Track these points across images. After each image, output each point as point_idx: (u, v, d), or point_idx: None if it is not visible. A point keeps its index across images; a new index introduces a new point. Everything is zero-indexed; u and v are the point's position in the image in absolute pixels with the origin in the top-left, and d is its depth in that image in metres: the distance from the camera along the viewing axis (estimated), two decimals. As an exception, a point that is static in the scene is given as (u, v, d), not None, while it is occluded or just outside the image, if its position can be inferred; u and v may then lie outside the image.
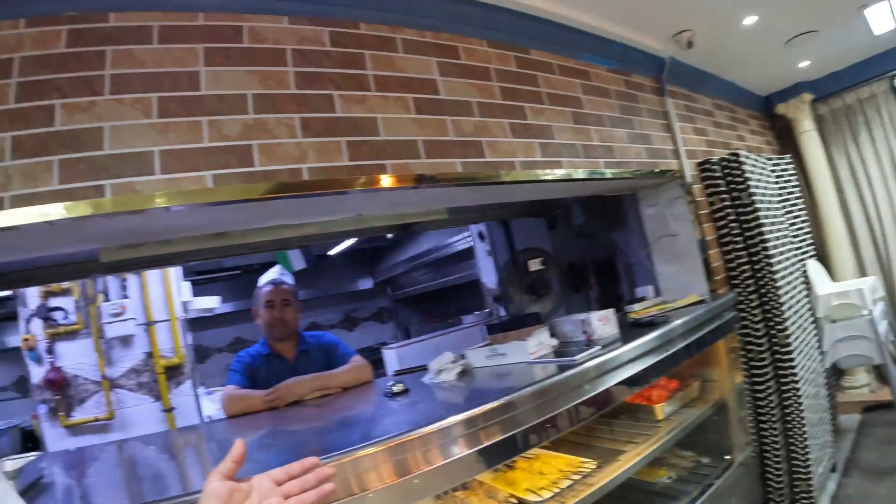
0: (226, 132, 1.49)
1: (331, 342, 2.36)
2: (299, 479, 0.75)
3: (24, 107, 1.40)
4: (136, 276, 3.35)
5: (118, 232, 1.56)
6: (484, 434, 1.35)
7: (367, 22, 1.77)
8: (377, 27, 1.79)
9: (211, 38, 1.55)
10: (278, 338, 2.30)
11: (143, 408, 3.36)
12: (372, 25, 1.78)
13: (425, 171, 1.76)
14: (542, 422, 1.47)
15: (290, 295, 2.33)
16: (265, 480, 0.74)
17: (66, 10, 1.48)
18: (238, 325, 6.30)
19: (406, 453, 1.23)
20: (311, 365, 2.22)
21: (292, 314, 2.31)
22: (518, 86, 2.09)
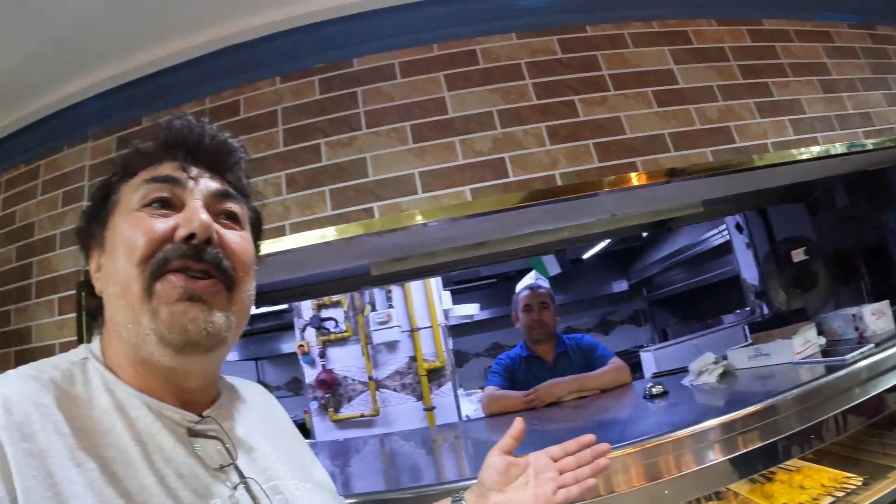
0: (478, 148, 1.47)
1: (590, 344, 2.30)
2: (575, 456, 0.74)
3: (292, 149, 1.53)
4: (399, 287, 3.64)
5: (387, 247, 1.63)
6: (741, 440, 1.25)
7: (593, 23, 1.69)
8: (603, 27, 1.70)
9: (448, 64, 1.58)
10: (537, 340, 2.30)
11: (406, 406, 3.57)
12: (597, 26, 1.69)
13: (676, 165, 1.56)
14: (805, 429, 1.33)
15: (547, 298, 2.34)
16: (542, 457, 0.74)
17: (314, 63, 1.63)
18: (495, 330, 6.56)
19: (658, 456, 1.18)
20: (570, 366, 2.17)
21: (550, 316, 2.31)
22: (756, 61, 1.83)
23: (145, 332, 0.53)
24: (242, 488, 0.55)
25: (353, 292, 3.56)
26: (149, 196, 0.58)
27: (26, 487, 0.42)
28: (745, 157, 1.68)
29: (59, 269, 1.83)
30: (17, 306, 1.92)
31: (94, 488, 0.46)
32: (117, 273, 0.56)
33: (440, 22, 1.61)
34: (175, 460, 0.53)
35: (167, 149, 0.62)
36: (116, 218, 0.59)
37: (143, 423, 0.54)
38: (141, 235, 0.55)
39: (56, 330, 1.83)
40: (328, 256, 1.58)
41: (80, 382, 0.54)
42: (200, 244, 0.55)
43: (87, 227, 0.64)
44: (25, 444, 0.45)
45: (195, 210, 0.57)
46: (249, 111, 1.61)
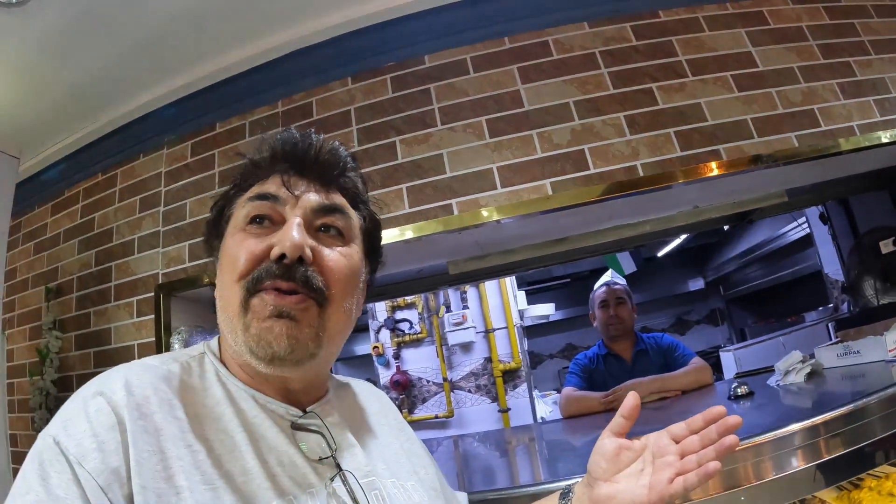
0: (556, 141, 1.44)
1: (670, 343, 2.23)
2: (699, 434, 0.61)
3: (367, 148, 1.52)
4: (474, 288, 3.63)
5: (465, 245, 1.61)
6: (828, 445, 1.17)
7: (665, 8, 1.64)
8: (676, 11, 1.64)
9: (521, 57, 1.56)
10: (614, 337, 2.26)
11: (481, 408, 3.53)
12: (670, 10, 1.64)
13: (760, 151, 1.50)
14: (895, 434, 1.22)
15: (624, 294, 2.31)
16: (663, 437, 0.63)
17: (385, 62, 1.63)
18: (569, 331, 6.50)
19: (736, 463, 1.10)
20: (649, 366, 2.11)
21: (626, 312, 2.27)
22: (836, 39, 1.75)
23: (240, 343, 0.57)
24: (339, 480, 0.57)
25: (428, 294, 3.57)
26: (251, 214, 0.60)
27: (139, 460, 0.46)
28: (831, 142, 1.60)
29: (138, 272, 1.89)
30: (96, 309, 1.99)
31: (200, 468, 0.49)
32: (222, 287, 0.59)
33: (510, 14, 1.59)
34: (277, 449, 0.55)
35: (274, 163, 0.63)
36: (227, 234, 0.62)
37: (250, 413, 0.57)
38: (242, 254, 0.58)
39: (134, 331, 1.89)
40: (406, 255, 1.57)
41: (196, 374, 0.58)
42: (291, 263, 0.57)
43: (206, 239, 0.67)
44: (142, 422, 0.49)
45: (289, 230, 0.58)
46: (322, 112, 1.63)
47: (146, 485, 0.46)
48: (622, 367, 2.17)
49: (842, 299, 2.84)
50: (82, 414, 0.48)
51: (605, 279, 2.45)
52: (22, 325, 2.24)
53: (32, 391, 2.04)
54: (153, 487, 0.46)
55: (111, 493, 0.45)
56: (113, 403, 0.49)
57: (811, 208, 2.80)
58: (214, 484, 0.49)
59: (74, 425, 0.47)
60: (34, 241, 2.25)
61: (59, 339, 2.04)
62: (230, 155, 1.76)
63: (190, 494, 0.47)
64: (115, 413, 0.48)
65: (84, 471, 0.45)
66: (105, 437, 0.47)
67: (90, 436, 0.47)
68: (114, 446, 0.47)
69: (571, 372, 2.21)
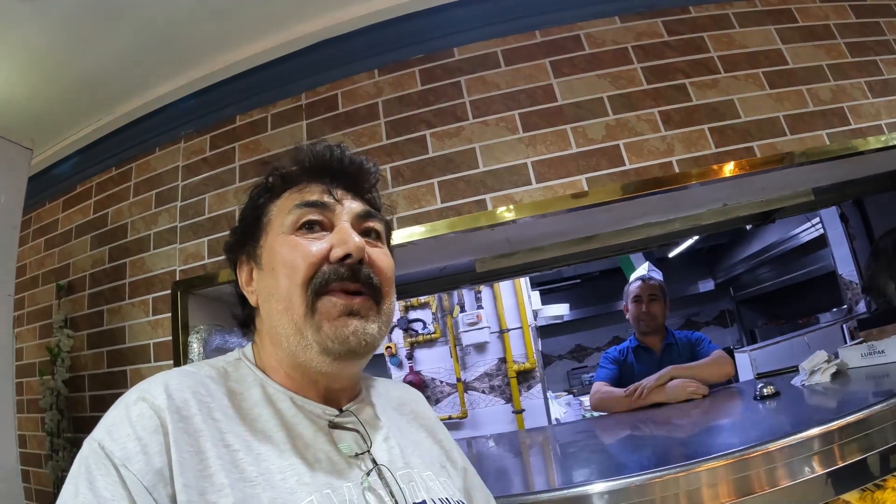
0: (591, 136, 1.42)
1: (698, 337, 2.26)
2: None
3: (395, 141, 1.50)
4: (488, 288, 3.61)
5: (496, 242, 1.58)
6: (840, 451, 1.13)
7: (696, 3, 1.62)
8: (706, 7, 1.63)
9: (553, 51, 1.54)
10: (644, 332, 2.27)
11: (495, 409, 3.51)
12: (701, 6, 1.63)
13: (792, 149, 1.49)
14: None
15: (658, 290, 2.30)
16: None
17: (413, 54, 1.61)
18: (579, 332, 6.51)
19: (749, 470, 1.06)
20: (677, 358, 2.11)
21: (659, 308, 2.27)
22: (863, 38, 1.75)
23: (308, 344, 0.58)
24: (375, 474, 0.58)
25: (442, 293, 3.55)
26: (302, 219, 0.62)
27: (181, 459, 0.48)
28: (861, 140, 1.60)
29: (154, 269, 1.85)
30: (109, 306, 1.95)
31: (239, 466, 0.51)
32: (279, 291, 0.60)
33: (539, 8, 1.57)
34: (314, 446, 0.57)
35: (311, 172, 0.66)
36: (270, 238, 0.64)
37: (287, 413, 0.59)
38: (301, 258, 0.59)
39: (150, 329, 1.85)
40: (436, 252, 1.55)
41: (233, 379, 0.61)
42: (355, 264, 0.60)
43: (237, 243, 0.69)
44: (183, 424, 0.51)
45: (348, 232, 0.61)
46: (348, 105, 1.60)
47: (189, 483, 0.47)
48: (651, 358, 2.18)
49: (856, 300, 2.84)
50: (125, 419, 0.50)
51: (641, 272, 2.45)
52: (32, 323, 2.19)
53: (43, 391, 1.99)
54: (196, 486, 0.48)
55: (156, 493, 0.46)
56: (155, 407, 0.51)
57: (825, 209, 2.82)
58: (254, 481, 0.51)
59: (118, 430, 0.49)
60: (45, 236, 2.20)
61: (71, 338, 2.00)
62: (251, 148, 1.73)
63: (231, 491, 0.49)
64: (157, 416, 0.50)
65: (130, 473, 0.47)
66: (148, 439, 0.48)
67: (134, 439, 0.48)
68: (157, 448, 0.48)
69: (601, 366, 2.22)
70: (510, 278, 3.21)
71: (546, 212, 1.35)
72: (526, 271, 2.03)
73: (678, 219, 1.67)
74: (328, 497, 0.53)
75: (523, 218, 1.36)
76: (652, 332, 2.25)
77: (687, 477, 1.06)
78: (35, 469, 2.10)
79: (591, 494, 1.08)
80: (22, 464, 2.10)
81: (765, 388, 1.65)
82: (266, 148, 1.69)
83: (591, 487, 1.10)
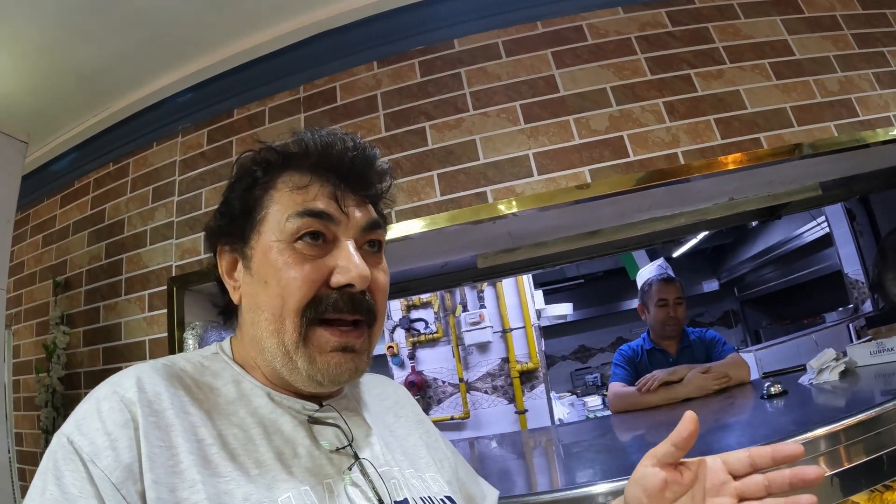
0: (594, 127, 1.39)
1: (713, 337, 2.19)
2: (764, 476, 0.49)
3: (395, 133, 1.48)
4: (491, 287, 3.58)
5: (498, 236, 1.55)
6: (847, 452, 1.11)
7: (700, -6, 1.60)
8: (711, -4, 1.60)
9: (555, 41, 1.51)
10: (669, 336, 2.18)
11: (497, 409, 3.47)
12: (706, -4, 1.60)
13: (800, 140, 1.46)
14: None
15: (681, 292, 2.22)
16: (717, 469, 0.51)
17: (412, 46, 1.59)
18: (583, 333, 6.48)
19: None
20: (693, 361, 2.05)
21: (684, 312, 2.19)
22: (870, 29, 1.72)
23: (295, 369, 0.56)
24: (357, 469, 0.56)
25: (445, 293, 3.52)
26: (302, 230, 0.56)
27: (151, 454, 0.47)
28: (870, 132, 1.56)
29: (150, 264, 1.83)
30: (105, 303, 1.93)
31: (212, 461, 0.49)
32: (271, 309, 0.56)
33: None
34: (293, 441, 0.55)
35: (318, 170, 0.59)
36: (264, 240, 0.58)
37: (265, 409, 0.56)
38: (297, 281, 0.55)
39: (146, 326, 1.83)
40: (436, 246, 1.52)
41: (209, 373, 0.58)
42: (355, 293, 0.56)
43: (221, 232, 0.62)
44: (154, 418, 0.49)
45: (352, 258, 0.56)
46: (347, 97, 1.57)
47: (158, 479, 0.46)
48: (666, 361, 2.13)
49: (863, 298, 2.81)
50: (95, 413, 0.48)
51: (655, 270, 2.34)
52: (29, 321, 2.17)
53: (38, 388, 1.97)
54: (166, 482, 0.46)
55: (124, 490, 0.45)
56: (125, 401, 0.49)
57: (831, 207, 2.78)
58: (227, 477, 0.49)
59: (87, 424, 0.48)
60: (42, 233, 2.18)
61: (67, 335, 1.97)
62: (248, 142, 1.70)
63: (203, 487, 0.47)
64: (128, 410, 0.48)
65: (97, 468, 0.45)
66: (117, 434, 0.47)
67: (103, 434, 0.47)
68: (126, 443, 0.47)
69: (617, 364, 2.16)
70: (513, 275, 3.14)
71: (548, 204, 1.32)
72: (529, 268, 1.99)
73: (684, 213, 1.64)
74: (307, 493, 0.51)
75: (525, 211, 1.33)
76: (674, 337, 2.18)
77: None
78: (31, 467, 2.07)
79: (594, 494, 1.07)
80: (18, 462, 2.09)
81: (772, 386, 1.62)
82: (264, 141, 1.66)
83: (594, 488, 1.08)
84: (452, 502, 0.62)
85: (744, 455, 0.50)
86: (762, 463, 0.50)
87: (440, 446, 0.73)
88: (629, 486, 0.56)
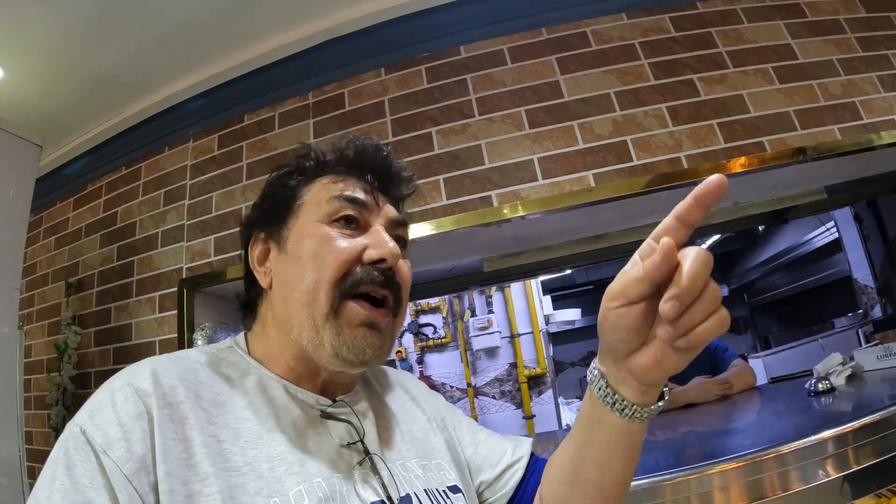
0: (598, 132, 1.41)
1: (716, 344, 2.17)
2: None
3: (402, 138, 1.51)
4: (499, 292, 3.61)
5: (504, 240, 1.57)
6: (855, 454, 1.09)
7: (703, 0, 1.61)
8: (714, 3, 1.62)
9: (559, 48, 1.54)
10: None
11: (505, 414, 3.50)
12: (708, 2, 1.62)
13: (804, 143, 1.48)
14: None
15: None
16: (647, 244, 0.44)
17: (419, 52, 1.61)
18: (592, 339, 6.27)
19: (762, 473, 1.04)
20: (697, 367, 2.04)
21: None
22: (873, 32, 1.73)
23: (321, 344, 0.56)
24: (367, 463, 0.57)
25: (453, 298, 3.54)
26: (339, 213, 0.60)
27: (164, 447, 0.47)
28: (874, 135, 1.57)
29: (161, 266, 1.86)
30: (117, 304, 1.96)
31: (224, 455, 0.50)
32: (304, 283, 0.58)
33: (547, 5, 1.57)
34: (305, 436, 0.56)
35: (355, 166, 0.64)
36: (301, 222, 0.61)
37: (279, 402, 0.57)
38: (334, 254, 0.57)
39: (156, 327, 1.86)
40: (443, 249, 1.54)
41: (224, 365, 0.59)
42: (387, 269, 0.58)
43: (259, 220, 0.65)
44: (168, 410, 0.49)
45: (384, 236, 0.59)
46: (354, 103, 1.60)
47: (172, 471, 0.46)
48: None
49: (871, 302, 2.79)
50: (109, 404, 0.48)
51: None
52: (41, 321, 2.21)
53: (50, 387, 2.01)
54: (179, 474, 0.47)
55: (136, 482, 0.45)
56: (140, 393, 0.49)
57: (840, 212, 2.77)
58: (240, 470, 0.49)
59: (101, 415, 0.48)
60: (55, 235, 2.23)
61: (79, 335, 2.01)
62: (259, 147, 1.73)
63: (215, 480, 0.47)
64: (142, 402, 0.49)
65: (109, 460, 0.45)
66: (131, 426, 0.47)
67: (116, 425, 0.47)
68: (140, 435, 0.47)
69: None
70: (519, 279, 3.17)
71: (553, 208, 1.34)
72: (535, 272, 2.00)
73: (688, 217, 1.64)
74: (318, 486, 0.52)
75: (530, 214, 1.35)
76: None
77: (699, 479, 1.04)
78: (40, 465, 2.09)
79: None
80: (28, 460, 2.11)
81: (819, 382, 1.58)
82: (273, 146, 1.70)
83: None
84: (457, 491, 0.63)
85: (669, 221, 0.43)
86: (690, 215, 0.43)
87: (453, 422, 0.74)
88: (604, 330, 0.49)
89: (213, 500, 0.47)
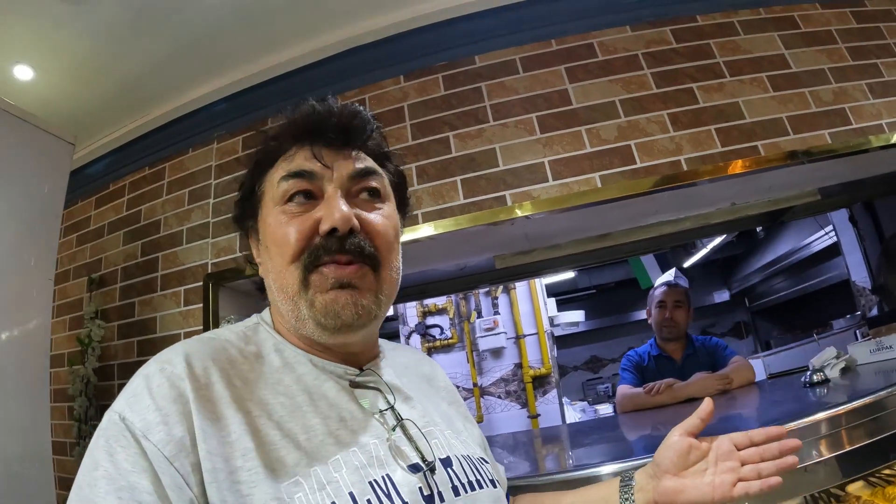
0: (604, 136, 1.52)
1: (717, 343, 2.27)
2: (759, 448, 0.65)
3: (421, 142, 1.60)
4: (505, 294, 3.68)
5: (515, 238, 1.67)
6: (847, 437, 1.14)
7: (703, 13, 1.73)
8: (712, 16, 1.73)
9: (568, 58, 1.64)
10: (667, 338, 2.27)
11: (510, 413, 3.57)
12: (707, 15, 1.73)
13: (797, 147, 1.58)
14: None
15: (683, 296, 2.30)
16: (725, 442, 0.66)
17: (437, 61, 1.71)
18: (595, 343, 6.54)
19: None
20: (698, 366, 2.13)
21: (682, 316, 2.26)
22: (864, 42, 1.83)
23: (303, 318, 0.58)
24: (399, 430, 0.59)
25: (460, 299, 3.61)
26: (289, 192, 0.60)
27: (203, 427, 0.48)
28: (862, 139, 1.68)
29: (186, 262, 1.95)
30: (140, 298, 2.04)
31: (262, 430, 0.51)
32: (275, 268, 0.60)
33: (556, 18, 1.68)
34: (338, 406, 0.57)
35: (296, 137, 0.63)
36: (264, 211, 0.63)
37: (308, 376, 0.59)
38: (288, 235, 0.58)
39: (181, 320, 1.94)
40: (459, 246, 1.64)
41: (253, 343, 0.61)
42: (343, 235, 0.58)
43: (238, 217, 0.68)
44: (203, 391, 0.51)
45: (334, 204, 0.58)
46: (375, 108, 1.70)
47: (212, 450, 0.48)
48: (672, 367, 2.19)
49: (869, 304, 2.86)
50: (145, 390, 0.50)
51: (667, 277, 2.48)
52: (62, 316, 2.27)
53: (73, 379, 2.07)
54: (220, 452, 0.48)
55: (178, 463, 0.46)
56: (174, 377, 0.51)
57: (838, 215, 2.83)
58: (277, 444, 0.51)
59: (138, 401, 0.49)
60: (77, 233, 2.30)
61: (102, 328, 2.08)
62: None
63: (256, 455, 0.49)
64: (177, 385, 0.50)
65: (150, 443, 0.46)
66: (168, 409, 0.48)
67: (154, 410, 0.48)
68: (177, 418, 0.48)
69: (624, 368, 2.23)
70: (529, 277, 3.24)
71: (562, 207, 1.44)
72: (544, 270, 2.09)
73: (689, 217, 1.75)
74: (355, 454, 0.53)
75: (540, 213, 1.45)
76: (674, 340, 2.25)
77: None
78: (60, 457, 2.17)
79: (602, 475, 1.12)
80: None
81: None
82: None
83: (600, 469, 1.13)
84: (485, 463, 0.66)
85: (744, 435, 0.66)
86: (756, 440, 0.66)
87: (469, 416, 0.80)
88: (659, 451, 0.68)
89: (256, 473, 0.48)
